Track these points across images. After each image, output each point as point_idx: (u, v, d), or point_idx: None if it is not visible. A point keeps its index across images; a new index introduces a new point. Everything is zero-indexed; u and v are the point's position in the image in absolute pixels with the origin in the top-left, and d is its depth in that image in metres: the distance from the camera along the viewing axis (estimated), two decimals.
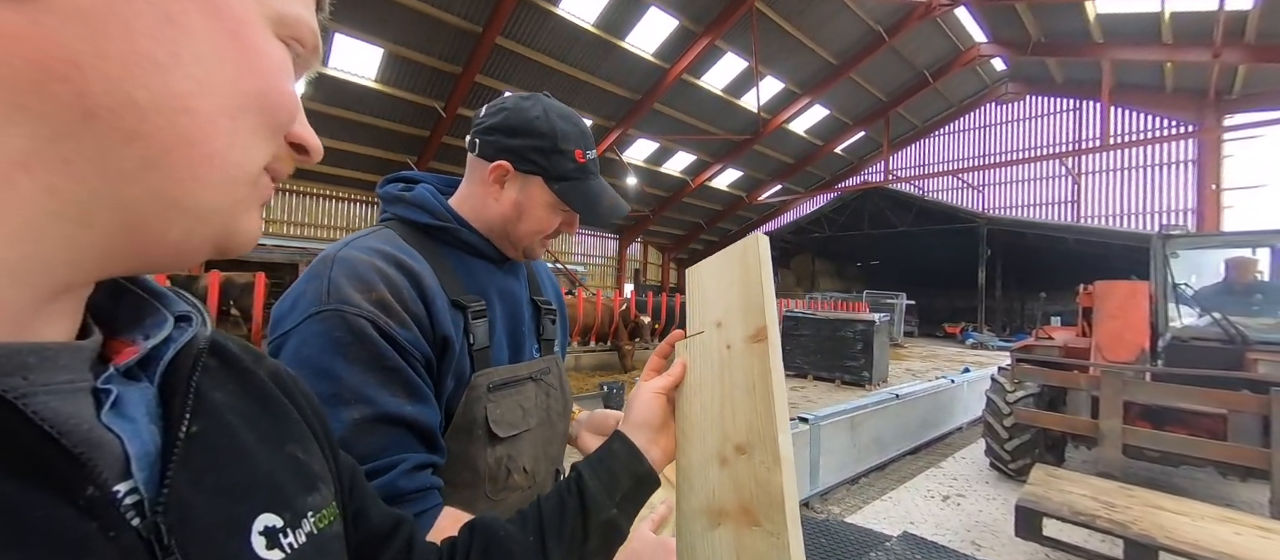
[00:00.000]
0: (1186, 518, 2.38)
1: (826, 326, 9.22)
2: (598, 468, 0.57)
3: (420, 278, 0.66)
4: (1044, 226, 17.80)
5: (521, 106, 0.75)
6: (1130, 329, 4.01)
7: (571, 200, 0.77)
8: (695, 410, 0.62)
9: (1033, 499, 2.58)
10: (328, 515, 0.34)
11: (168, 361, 0.28)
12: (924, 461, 4.91)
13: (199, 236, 0.26)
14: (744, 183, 21.12)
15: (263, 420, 0.33)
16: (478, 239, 0.77)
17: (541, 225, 0.78)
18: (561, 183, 0.76)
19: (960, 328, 20.04)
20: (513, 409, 0.75)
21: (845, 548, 1.22)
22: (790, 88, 15.61)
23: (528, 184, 0.75)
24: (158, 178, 0.23)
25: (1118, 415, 3.35)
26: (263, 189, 0.29)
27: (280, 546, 0.29)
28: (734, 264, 0.61)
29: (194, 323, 0.30)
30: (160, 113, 0.23)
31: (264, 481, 0.30)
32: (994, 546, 3.18)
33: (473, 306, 0.72)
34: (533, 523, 0.53)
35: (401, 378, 0.61)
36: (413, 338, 0.63)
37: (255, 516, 0.29)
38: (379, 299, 0.61)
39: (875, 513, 3.63)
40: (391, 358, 0.60)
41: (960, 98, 19.65)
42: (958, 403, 6.19)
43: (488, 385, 0.72)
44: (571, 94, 13.58)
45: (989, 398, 4.23)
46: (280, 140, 0.29)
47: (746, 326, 0.58)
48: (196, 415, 0.28)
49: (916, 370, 11.09)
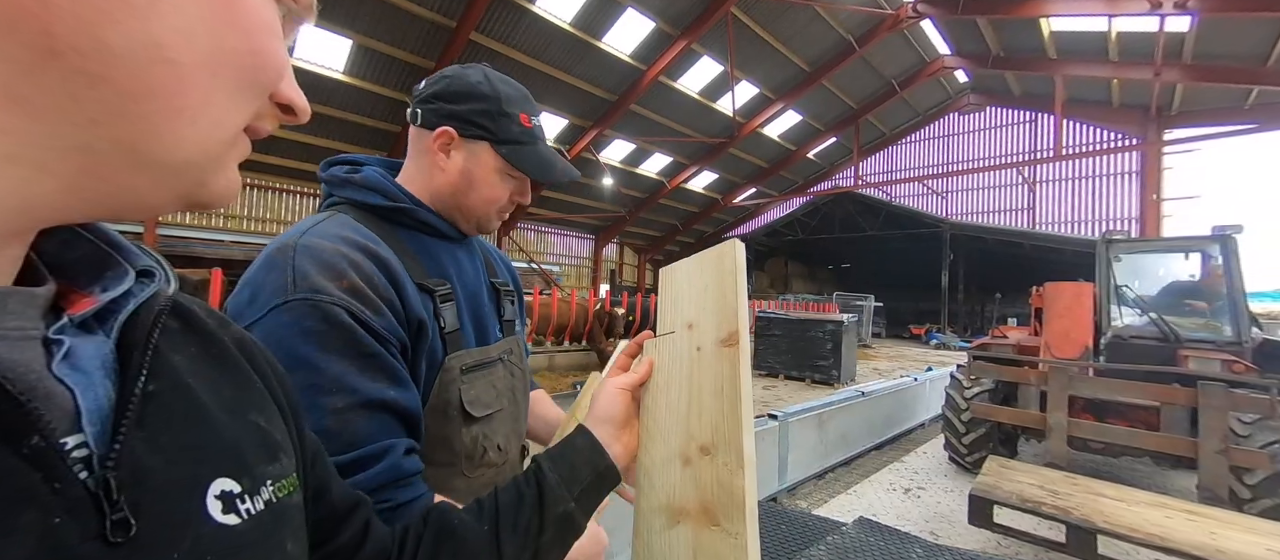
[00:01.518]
0: (1123, 504, 2.55)
1: (798, 327, 9.42)
2: (557, 460, 0.56)
3: (389, 263, 0.65)
4: (1002, 232, 18.67)
5: (462, 73, 0.74)
6: (1076, 328, 4.25)
7: (521, 164, 0.74)
8: (661, 409, 0.62)
9: (985, 488, 2.71)
10: (288, 485, 0.33)
11: (127, 316, 0.27)
12: (888, 456, 5.08)
13: (167, 190, 0.25)
14: (720, 185, 21.39)
15: (224, 386, 0.32)
16: (433, 217, 0.74)
17: (493, 193, 0.75)
18: (509, 146, 0.74)
19: (925, 329, 20.77)
20: (486, 390, 0.75)
21: (803, 533, 1.26)
22: (765, 93, 15.90)
23: (474, 150, 0.73)
24: (124, 127, 0.22)
25: (1063, 409, 3.55)
26: (241, 147, 0.28)
27: (237, 511, 0.29)
28: (709, 268, 0.62)
29: (156, 278, 0.29)
30: (132, 59, 0.22)
31: (222, 446, 0.30)
32: (950, 535, 3.32)
33: (439, 290, 0.71)
34: (489, 512, 0.52)
35: (381, 364, 0.60)
36: (388, 324, 0.62)
37: (212, 480, 0.28)
38: (351, 286, 0.59)
39: (839, 505, 3.74)
40: (370, 345, 0.59)
41: (926, 107, 20.43)
42: (920, 400, 6.42)
43: (460, 367, 0.72)
44: (548, 92, 13.48)
45: (948, 394, 4.41)
46: (264, 100, 0.29)
47: (718, 330, 0.59)
48: (155, 374, 0.27)
49: (883, 369, 11.44)
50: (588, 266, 23.35)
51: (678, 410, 0.60)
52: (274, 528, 0.31)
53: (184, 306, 0.34)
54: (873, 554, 1.20)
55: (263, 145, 12.65)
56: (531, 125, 0.75)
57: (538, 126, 0.77)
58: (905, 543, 1.23)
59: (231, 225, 13.85)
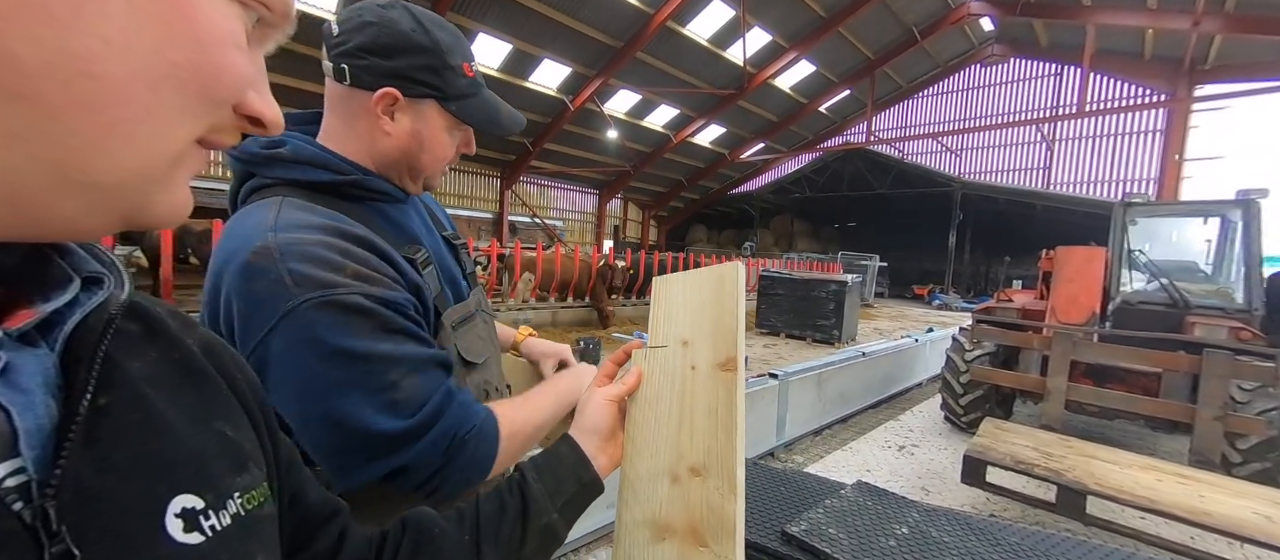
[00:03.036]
0: (1115, 466, 2.59)
1: (801, 286, 9.42)
2: (542, 470, 0.56)
3: (372, 242, 0.63)
4: (1014, 192, 18.26)
5: (387, 18, 0.64)
6: (1084, 293, 4.21)
7: (472, 118, 0.71)
8: (648, 422, 0.61)
9: (980, 449, 2.76)
10: (257, 495, 0.31)
11: (72, 327, 0.25)
12: (884, 414, 5.18)
13: (101, 214, 0.23)
14: (727, 140, 20.84)
15: (187, 394, 0.31)
16: (383, 183, 0.70)
17: (444, 152, 0.72)
18: (458, 102, 0.69)
19: (929, 289, 20.78)
20: (475, 340, 0.77)
21: (803, 495, 1.28)
22: (778, 41, 15.17)
23: (422, 110, 0.68)
24: (44, 146, 0.20)
25: (1064, 374, 3.57)
26: (191, 164, 0.26)
27: (200, 529, 0.27)
28: (708, 286, 0.61)
29: (105, 285, 0.27)
30: (50, 74, 0.20)
31: (184, 459, 0.28)
32: (941, 491, 3.42)
33: (418, 256, 0.70)
34: (469, 521, 0.51)
35: (410, 333, 0.61)
36: (404, 297, 0.62)
37: (171, 498, 0.26)
38: (355, 273, 0.58)
39: (835, 462, 3.85)
40: (396, 321, 0.59)
41: (947, 58, 19.49)
42: (919, 361, 6.48)
43: (452, 324, 0.73)
44: (549, 37, 12.91)
45: (948, 356, 4.44)
46: (223, 113, 0.26)
47: (716, 353, 0.58)
48: (107, 387, 0.25)
49: (884, 329, 11.52)
50: (591, 222, 23.19)
51: (667, 426, 0.60)
52: (241, 542, 0.29)
53: (145, 309, 0.31)
54: (870, 516, 1.21)
55: None
56: (474, 74, 0.71)
57: (479, 72, 0.72)
58: (903, 506, 1.24)
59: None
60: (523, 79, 14.38)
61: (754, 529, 1.15)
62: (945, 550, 1.09)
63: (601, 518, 2.62)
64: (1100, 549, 1.19)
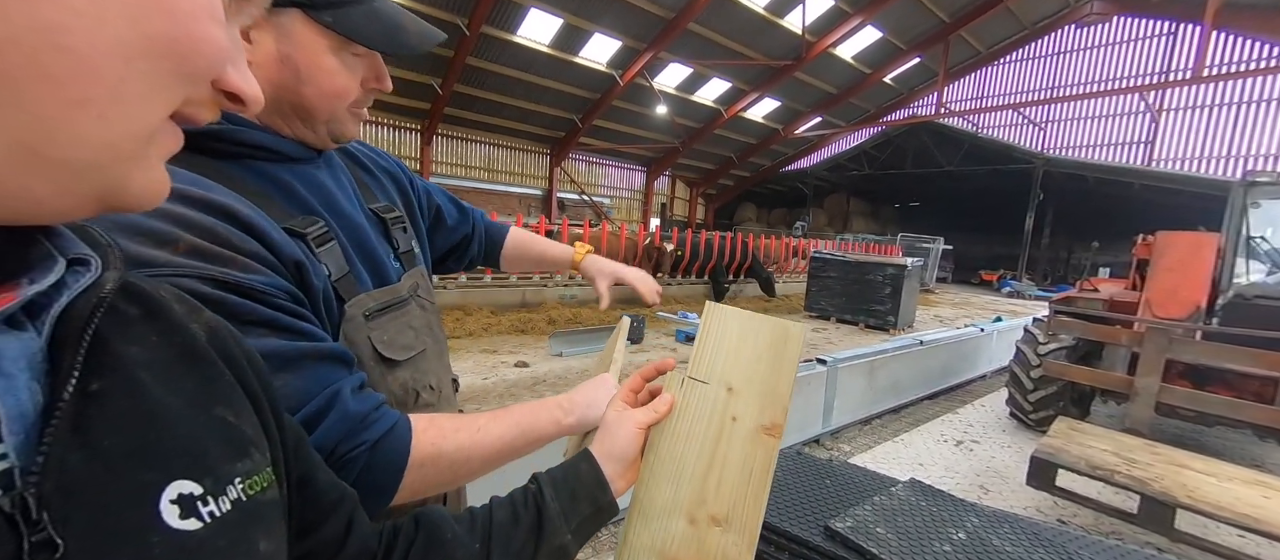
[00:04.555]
0: (1212, 479, 2.32)
1: (854, 269, 8.99)
2: (560, 487, 0.55)
3: (232, 210, 0.48)
4: (1108, 169, 16.37)
5: None
6: (1187, 284, 3.73)
7: (357, 30, 0.53)
8: (675, 456, 0.60)
9: (1050, 450, 2.55)
10: (260, 481, 0.31)
11: (60, 310, 0.24)
12: (941, 407, 4.91)
13: (73, 194, 0.22)
14: (781, 114, 19.95)
15: (188, 379, 0.30)
16: (266, 136, 0.55)
17: (333, 84, 0.55)
18: (332, 11, 0.52)
19: (998, 275, 19.27)
20: (402, 331, 0.66)
21: (849, 489, 1.23)
22: (841, 5, 14.18)
23: (285, 25, 0.52)
24: (10, 122, 0.20)
25: (1157, 374, 3.21)
26: (167, 142, 0.25)
27: (198, 515, 0.27)
28: (766, 341, 0.60)
29: (92, 266, 0.26)
30: (16, 46, 0.19)
31: (182, 445, 0.28)
32: (1002, 491, 3.21)
33: (311, 231, 0.56)
34: (481, 528, 0.50)
35: (274, 324, 0.48)
36: (264, 279, 0.48)
37: (166, 484, 0.26)
38: (192, 248, 0.45)
39: (885, 453, 3.69)
40: (246, 310, 0.46)
41: (1035, 19, 17.51)
42: (983, 352, 6.06)
43: (363, 313, 0.61)
44: (600, 11, 12.73)
45: (1019, 348, 4.11)
46: (200, 87, 0.25)
47: (762, 415, 0.58)
48: (98, 371, 0.25)
49: (945, 317, 10.85)
50: (639, 199, 23.11)
51: (695, 468, 0.59)
52: (243, 528, 0.29)
53: (146, 293, 0.31)
54: (923, 517, 1.15)
55: None
56: None
57: None
58: (960, 509, 1.17)
59: None
60: (573, 54, 14.34)
61: (794, 521, 1.11)
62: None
63: None
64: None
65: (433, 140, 16.32)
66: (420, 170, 16.06)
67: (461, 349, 5.88)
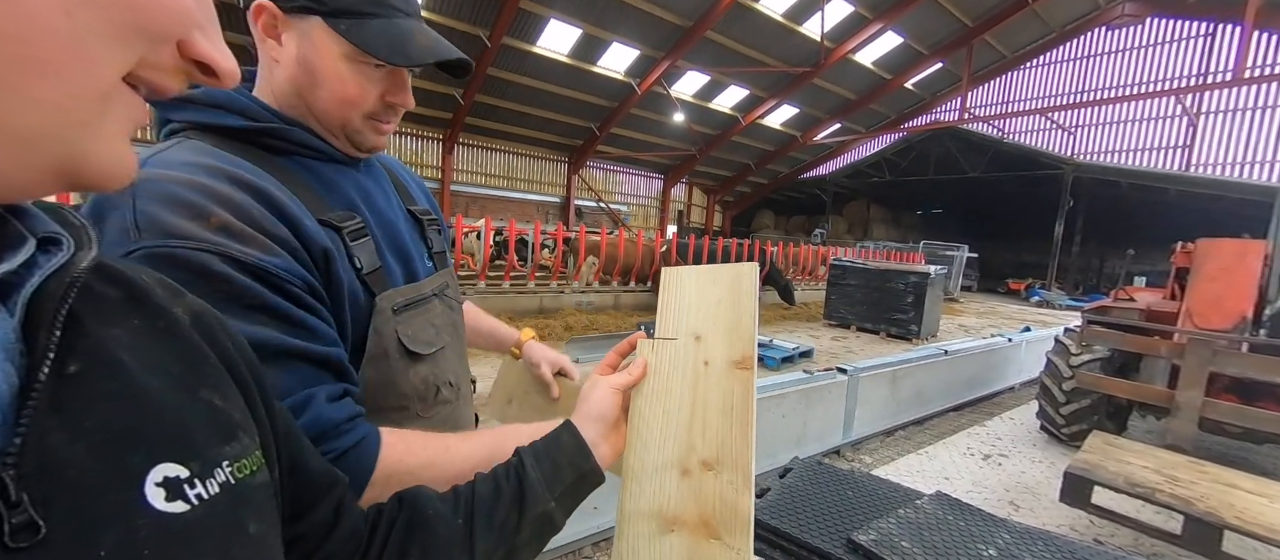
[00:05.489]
0: (1264, 499, 2.19)
1: (876, 277, 8.82)
2: (541, 457, 0.54)
3: (270, 195, 0.52)
4: (1143, 174, 15.77)
5: None
6: (1232, 294, 3.56)
7: (366, 41, 0.55)
8: (656, 415, 0.61)
9: (1085, 466, 2.44)
10: (249, 464, 0.31)
11: (32, 290, 0.24)
12: (967, 419, 4.76)
13: (30, 166, 0.21)
14: (799, 121, 19.80)
15: (171, 362, 0.30)
16: (308, 136, 0.59)
17: (345, 90, 0.58)
18: (347, 20, 0.55)
19: (1026, 284, 18.68)
20: (424, 328, 0.68)
21: (872, 501, 1.19)
22: (861, 11, 14.06)
23: (306, 29, 0.55)
24: None
25: (1200, 387, 3.05)
26: (127, 107, 0.23)
27: (185, 498, 0.26)
28: (724, 284, 0.62)
29: (64, 246, 0.26)
30: None
31: (166, 428, 0.27)
32: (1033, 508, 3.09)
33: (347, 225, 0.58)
34: (464, 504, 0.49)
35: (275, 312, 0.49)
36: (283, 263, 0.50)
37: (151, 466, 0.25)
38: (222, 224, 0.47)
39: (908, 466, 3.59)
40: (256, 294, 0.48)
41: (1064, 21, 17.06)
42: (1011, 363, 5.86)
43: (392, 307, 0.63)
44: (618, 21, 12.87)
45: (1050, 359, 3.96)
46: (161, 50, 0.24)
47: (731, 350, 0.60)
48: (75, 353, 0.25)
49: (971, 326, 10.55)
50: (656, 206, 23.15)
51: (677, 420, 0.60)
52: (231, 510, 0.28)
53: (127, 277, 0.30)
54: (951, 532, 1.10)
55: None
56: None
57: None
58: (990, 524, 1.12)
59: None
60: (591, 64, 14.50)
61: (816, 533, 1.08)
62: None
63: None
64: None
65: (454, 149, 16.66)
66: (442, 178, 16.41)
67: (479, 352, 5.94)
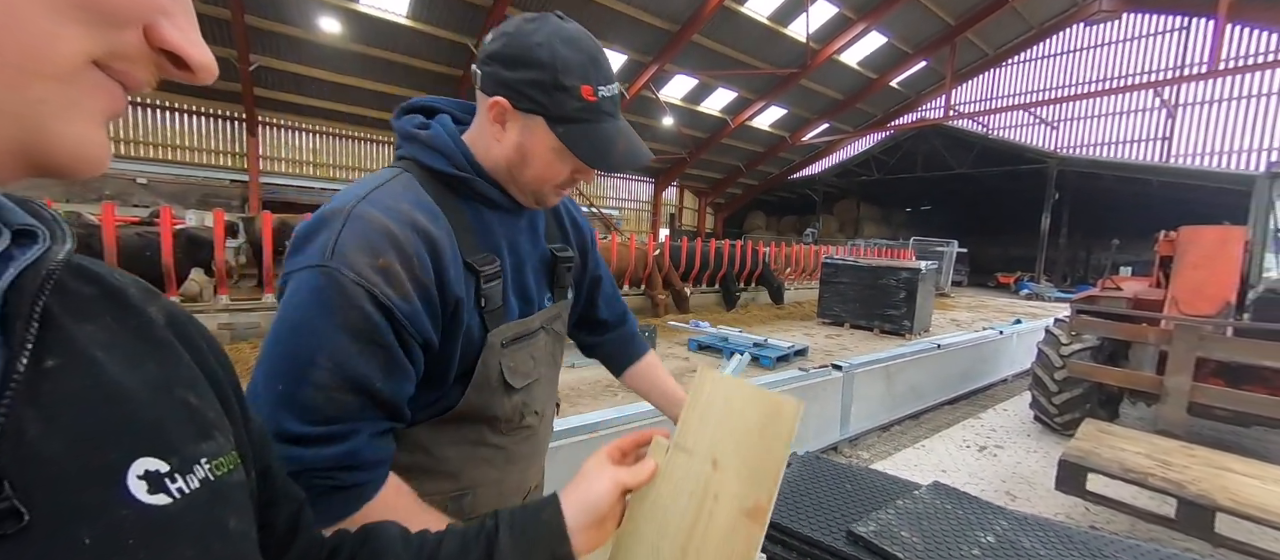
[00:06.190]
0: (1256, 480, 2.22)
1: (867, 274, 8.89)
2: (518, 533, 0.51)
3: (437, 243, 0.64)
4: (1125, 167, 16.07)
5: (523, 31, 0.65)
6: (1215, 280, 3.62)
7: (575, 146, 0.67)
8: (652, 526, 0.57)
9: (1079, 454, 2.46)
10: (226, 463, 0.31)
11: (7, 283, 0.24)
12: (962, 412, 4.79)
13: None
14: (788, 122, 19.97)
15: (147, 360, 0.30)
16: (492, 190, 0.72)
17: (549, 172, 0.70)
18: (564, 125, 0.66)
19: (1016, 278, 18.92)
20: (525, 360, 0.77)
21: (871, 493, 1.19)
22: (845, 12, 14.24)
23: (530, 125, 0.67)
24: None
25: (1188, 371, 3.10)
26: (98, 95, 0.23)
27: (167, 491, 0.26)
28: (757, 413, 0.56)
29: (40, 239, 0.26)
30: None
31: (144, 423, 0.27)
32: (1029, 497, 3.11)
33: (485, 269, 0.70)
34: (428, 556, 0.48)
35: (385, 355, 0.60)
36: (411, 311, 0.61)
37: (132, 460, 0.26)
38: (385, 267, 0.59)
39: (905, 460, 3.60)
40: (380, 333, 0.59)
41: (1043, 19, 17.40)
42: (1004, 355, 5.92)
43: (501, 342, 0.73)
44: (605, 27, 12.93)
45: (1041, 350, 4.01)
46: (126, 35, 0.23)
47: (745, 496, 0.54)
48: (52, 348, 0.25)
49: (962, 321, 10.65)
50: (647, 210, 23.19)
51: (672, 540, 0.55)
52: (212, 506, 0.29)
53: (102, 275, 0.30)
54: (949, 521, 1.11)
55: (335, 94, 13.37)
56: (595, 99, 0.66)
57: (605, 98, 0.67)
58: (987, 512, 1.12)
59: (321, 174, 15.07)
60: None
61: (816, 527, 1.08)
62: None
63: None
64: None
65: None
66: None
67: None
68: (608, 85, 0.67)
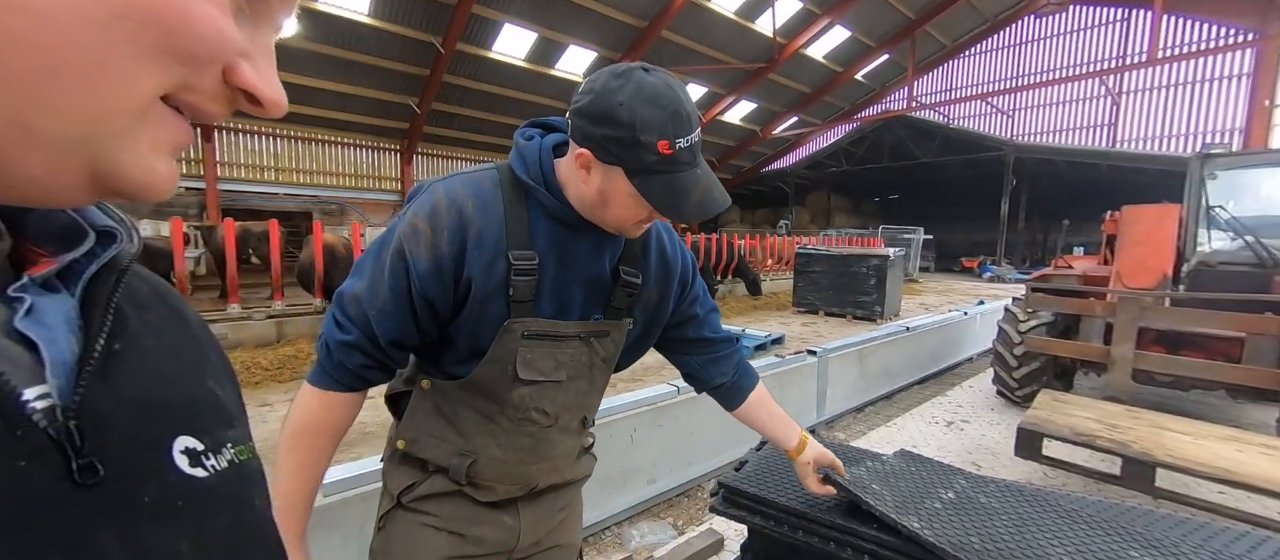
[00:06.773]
0: (1189, 437, 2.41)
1: (839, 262, 9.14)
2: None
3: (469, 224, 0.76)
4: (1076, 152, 16.94)
5: (609, 89, 0.71)
6: (1154, 255, 3.89)
7: (651, 195, 0.74)
8: None
9: (1036, 421, 2.62)
10: (246, 450, 0.34)
11: (90, 276, 0.27)
12: (931, 390, 5.00)
13: (65, 172, 0.22)
14: (758, 116, 20.27)
15: (186, 351, 0.34)
16: (557, 204, 0.80)
17: (628, 214, 0.78)
18: (642, 177, 0.73)
19: (978, 261, 19.71)
20: (545, 358, 0.83)
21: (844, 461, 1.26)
22: (809, 7, 14.54)
23: (611, 173, 0.75)
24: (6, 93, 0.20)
25: (1131, 341, 3.33)
26: (164, 125, 0.24)
27: (203, 467, 0.29)
28: None
29: (119, 239, 0.29)
30: None
31: (183, 405, 0.31)
32: (992, 466, 3.29)
33: (520, 263, 0.78)
34: None
35: (390, 290, 0.77)
36: (426, 270, 0.75)
37: (176, 436, 0.29)
38: (419, 229, 0.76)
39: (879, 437, 3.75)
40: (396, 275, 0.76)
41: (997, 11, 18.14)
42: (969, 335, 6.19)
43: (523, 332, 0.80)
44: (573, 23, 12.86)
45: (1001, 327, 4.22)
46: (204, 75, 0.25)
47: None
48: (118, 333, 0.28)
49: (930, 304, 11.05)
50: None
51: None
52: (240, 485, 0.32)
53: (149, 276, 0.34)
54: (914, 481, 1.19)
55: (294, 96, 12.89)
56: (672, 151, 0.72)
57: (682, 150, 0.73)
58: (948, 473, 1.21)
59: (283, 178, 14.50)
60: (549, 67, 14.43)
61: (792, 495, 1.15)
62: (995, 515, 1.06)
63: (643, 493, 2.68)
64: (1169, 518, 1.12)
65: (413, 159, 16.23)
66: (401, 190, 15.95)
67: None
68: (683, 138, 0.72)
